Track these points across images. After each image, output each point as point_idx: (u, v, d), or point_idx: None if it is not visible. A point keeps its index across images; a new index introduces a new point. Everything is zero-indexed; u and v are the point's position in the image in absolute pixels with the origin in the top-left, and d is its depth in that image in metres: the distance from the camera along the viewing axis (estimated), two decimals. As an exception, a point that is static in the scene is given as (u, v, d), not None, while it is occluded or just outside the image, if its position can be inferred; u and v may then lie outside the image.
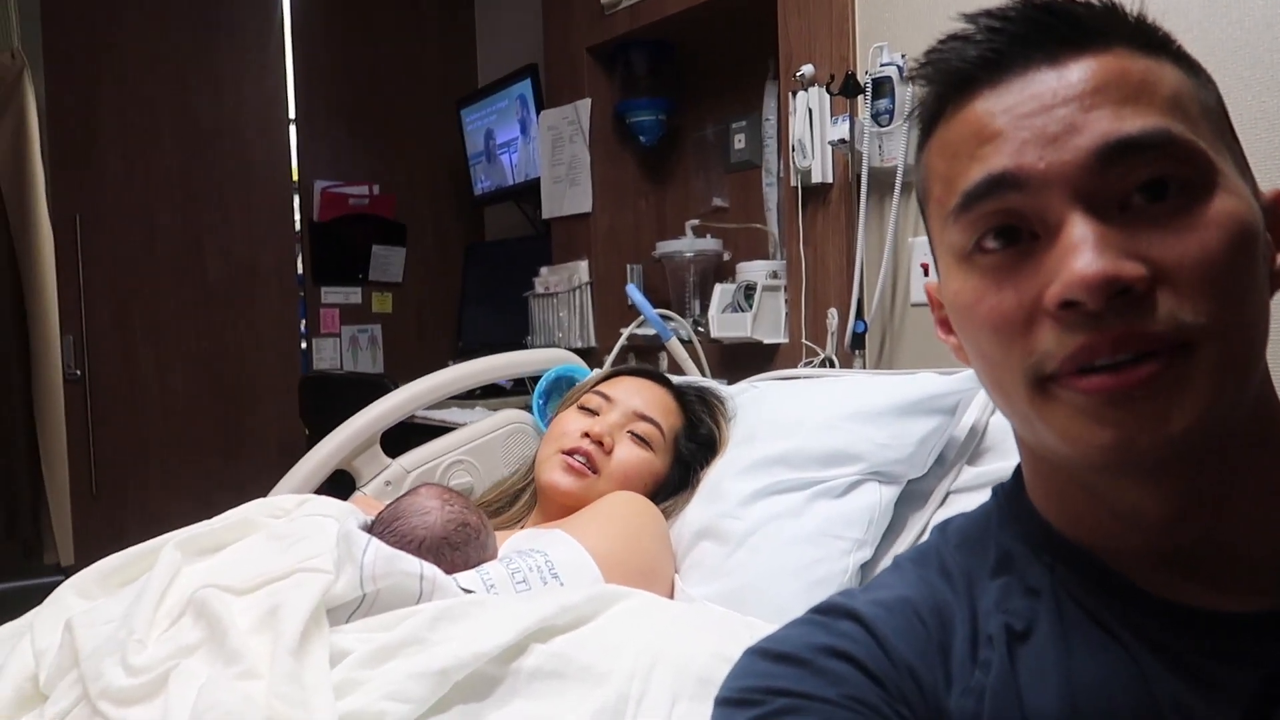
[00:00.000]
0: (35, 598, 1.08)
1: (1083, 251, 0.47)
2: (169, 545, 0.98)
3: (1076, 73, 0.50)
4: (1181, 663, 0.51)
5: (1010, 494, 0.62)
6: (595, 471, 1.28)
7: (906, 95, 1.74)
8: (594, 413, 1.34)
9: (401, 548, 0.96)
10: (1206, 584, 0.52)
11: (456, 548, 1.04)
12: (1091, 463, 0.49)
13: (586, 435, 1.29)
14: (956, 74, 0.53)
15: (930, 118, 0.56)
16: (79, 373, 3.10)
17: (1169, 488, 0.50)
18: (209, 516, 1.17)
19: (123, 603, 0.91)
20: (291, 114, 3.44)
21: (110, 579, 1.01)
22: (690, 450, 1.35)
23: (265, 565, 0.92)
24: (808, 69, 1.94)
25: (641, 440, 1.31)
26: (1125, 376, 0.46)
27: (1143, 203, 0.48)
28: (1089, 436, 0.48)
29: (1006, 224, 0.51)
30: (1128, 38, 0.52)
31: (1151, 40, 0.53)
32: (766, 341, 2.09)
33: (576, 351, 2.28)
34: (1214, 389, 0.47)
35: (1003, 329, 0.50)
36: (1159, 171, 0.48)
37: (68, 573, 2.98)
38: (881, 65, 1.79)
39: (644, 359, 2.38)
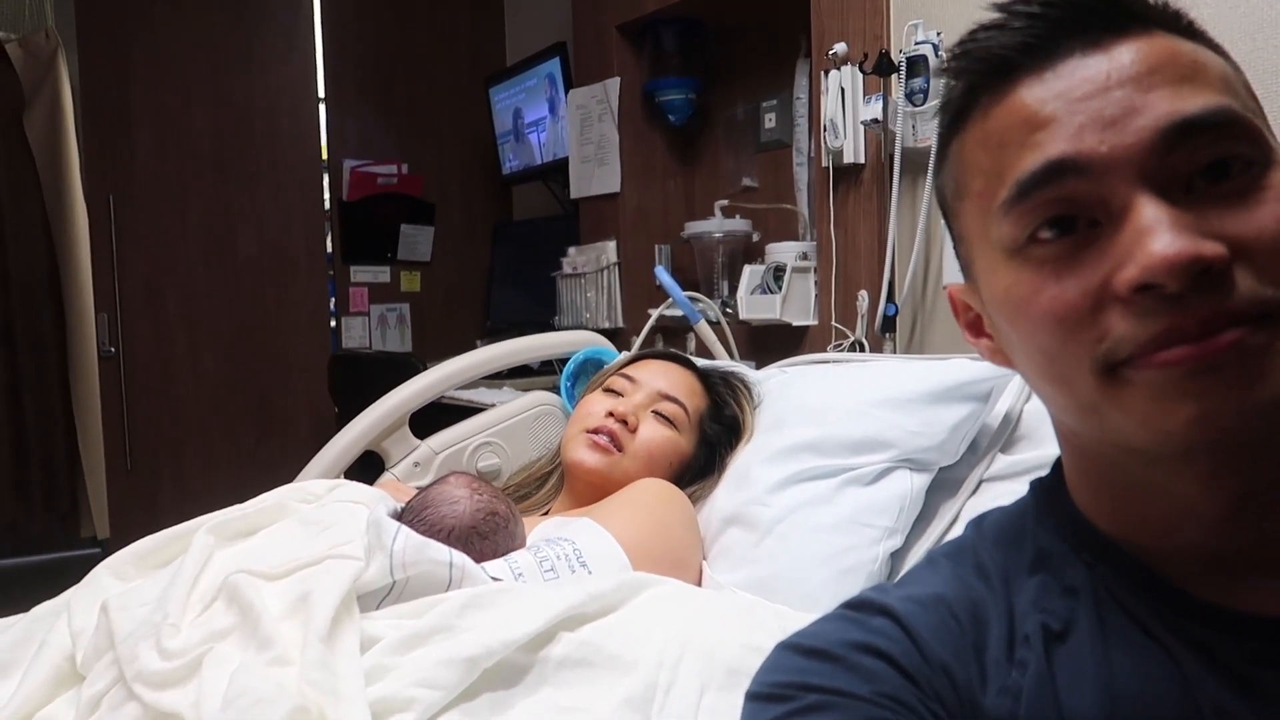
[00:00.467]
0: (72, 569, 1.10)
1: (1159, 233, 0.45)
2: (202, 529, 0.99)
3: (1126, 55, 0.49)
4: (1226, 668, 0.50)
5: (1049, 489, 0.60)
6: (620, 449, 1.28)
7: (942, 75, 1.71)
8: (619, 394, 1.35)
9: (430, 536, 0.96)
10: (1254, 587, 0.51)
11: (485, 536, 1.04)
12: (1173, 446, 0.47)
13: (611, 415, 1.30)
14: (996, 61, 0.52)
15: (959, 110, 0.55)
16: (113, 350, 3.15)
17: (1226, 482, 0.49)
18: (241, 491, 1.18)
19: (157, 586, 0.92)
20: (321, 93, 3.45)
21: (145, 561, 1.03)
22: (715, 432, 1.35)
23: (297, 551, 0.93)
24: (840, 47, 1.91)
25: (666, 420, 1.31)
26: (1208, 345, 0.45)
27: (1205, 184, 0.47)
28: (1170, 414, 0.46)
29: (1064, 213, 0.49)
30: (1165, 24, 0.51)
31: (1188, 26, 0.52)
32: (795, 324, 2.08)
33: (604, 332, 2.27)
34: None
35: (1066, 319, 0.49)
36: (1223, 152, 0.47)
37: (103, 545, 3.05)
38: (916, 44, 1.76)
39: (672, 340, 2.38)
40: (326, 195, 3.50)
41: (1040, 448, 1.22)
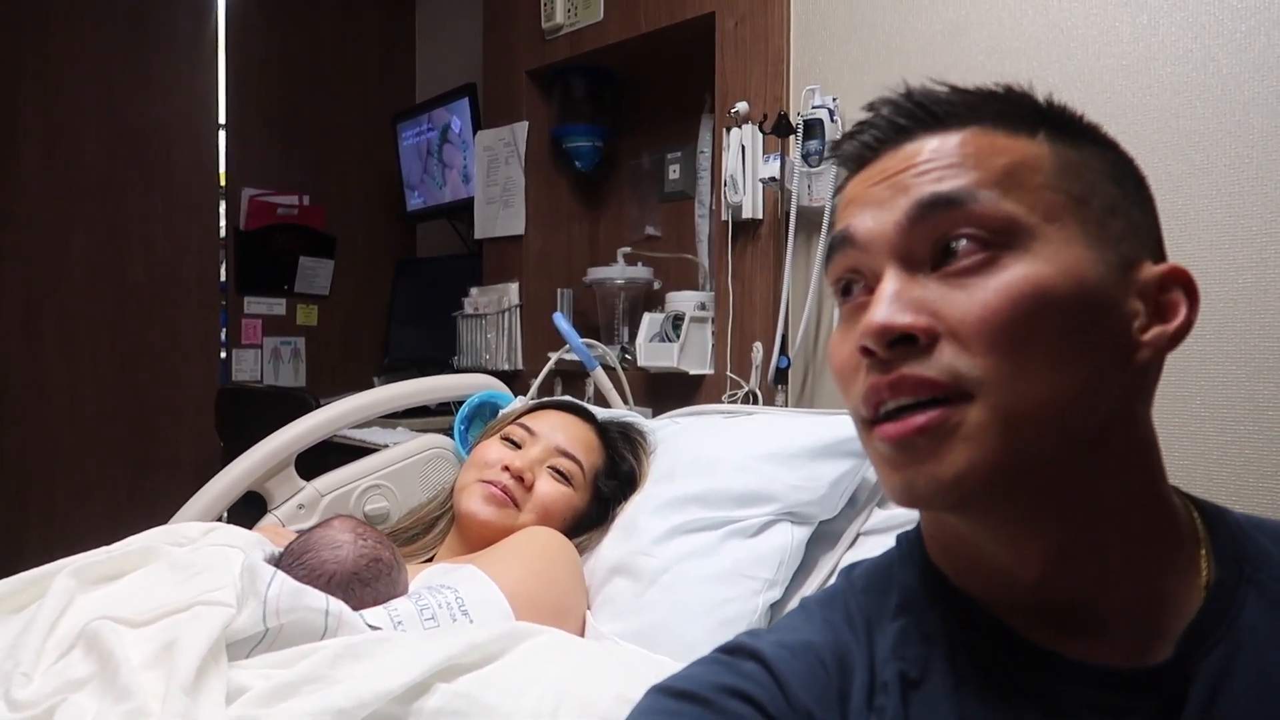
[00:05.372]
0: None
1: (878, 304, 0.52)
2: (63, 572, 0.95)
3: (926, 146, 0.55)
4: (1064, 716, 0.52)
5: (912, 542, 0.64)
6: (515, 505, 1.27)
7: (837, 137, 1.78)
8: (516, 445, 1.34)
9: (310, 582, 0.94)
10: (1090, 638, 0.55)
11: (367, 583, 1.02)
12: (903, 504, 0.53)
13: (507, 469, 1.29)
14: (853, 155, 0.59)
15: (838, 193, 0.62)
16: (-18, 375, 2.98)
17: (1014, 536, 0.54)
18: (116, 529, 1.13)
19: (10, 632, 0.87)
20: (222, 119, 3.37)
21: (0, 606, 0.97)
22: (610, 488, 1.35)
23: (164, 596, 0.89)
24: (742, 106, 1.97)
25: (562, 476, 1.31)
26: (905, 424, 0.50)
27: (946, 261, 0.52)
28: (887, 480, 0.53)
29: (851, 279, 0.56)
30: (991, 118, 0.55)
31: (1017, 119, 0.56)
32: (693, 372, 2.11)
33: (503, 374, 2.26)
34: (988, 439, 0.49)
35: (841, 375, 0.56)
36: (956, 228, 0.52)
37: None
38: (814, 107, 1.83)
39: (571, 384, 2.38)
40: (223, 223, 3.41)
41: (916, 503, 1.26)
